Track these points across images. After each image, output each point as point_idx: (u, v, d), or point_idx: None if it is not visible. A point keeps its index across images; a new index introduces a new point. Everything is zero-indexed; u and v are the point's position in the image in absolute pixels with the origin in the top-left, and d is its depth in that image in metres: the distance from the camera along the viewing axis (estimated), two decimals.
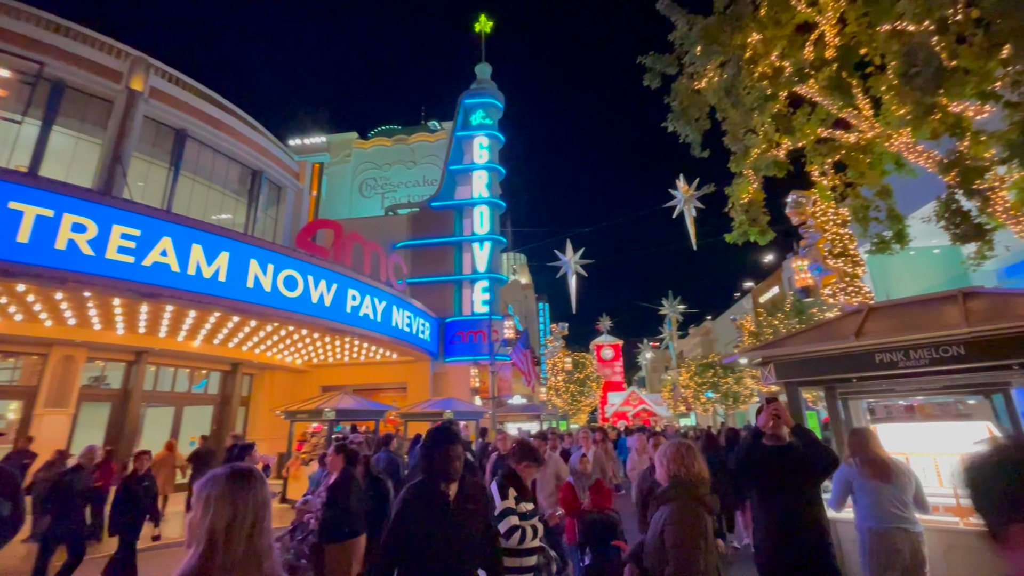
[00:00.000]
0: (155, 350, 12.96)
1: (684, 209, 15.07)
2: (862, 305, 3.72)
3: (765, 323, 17.66)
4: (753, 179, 10.02)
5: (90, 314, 10.27)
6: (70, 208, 7.84)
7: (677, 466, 2.48)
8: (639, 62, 10.34)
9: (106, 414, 12.84)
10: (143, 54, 14.65)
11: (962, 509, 3.24)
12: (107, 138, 13.60)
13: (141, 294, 8.72)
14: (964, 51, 6.70)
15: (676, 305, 37.42)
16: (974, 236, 6.97)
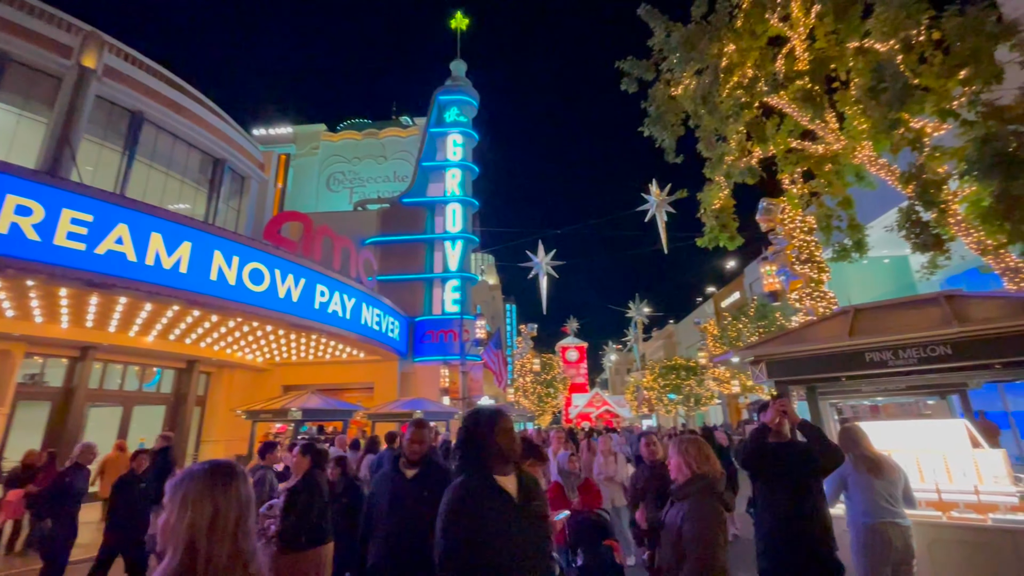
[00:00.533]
0: (103, 345, 12.13)
1: (656, 213, 15.37)
2: (847, 307, 3.82)
3: (730, 327, 18.19)
4: (724, 186, 10.28)
5: (32, 305, 9.50)
6: (14, 189, 7.22)
7: (699, 463, 2.45)
8: (617, 67, 10.47)
9: (45, 414, 11.92)
10: (96, 30, 13.72)
11: (944, 504, 3.38)
12: (54, 117, 12.65)
13: (92, 284, 8.13)
14: (925, 70, 7.07)
15: (642, 308, 38.16)
16: (933, 245, 7.33)
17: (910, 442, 3.81)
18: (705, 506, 2.29)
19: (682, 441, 2.65)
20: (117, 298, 9.17)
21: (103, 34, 13.81)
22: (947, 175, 7.33)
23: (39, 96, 12.90)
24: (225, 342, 13.36)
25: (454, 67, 22.84)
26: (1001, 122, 6.56)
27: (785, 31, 8.98)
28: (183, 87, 16.45)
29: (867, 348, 3.32)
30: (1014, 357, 2.86)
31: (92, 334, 11.63)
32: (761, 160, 9.83)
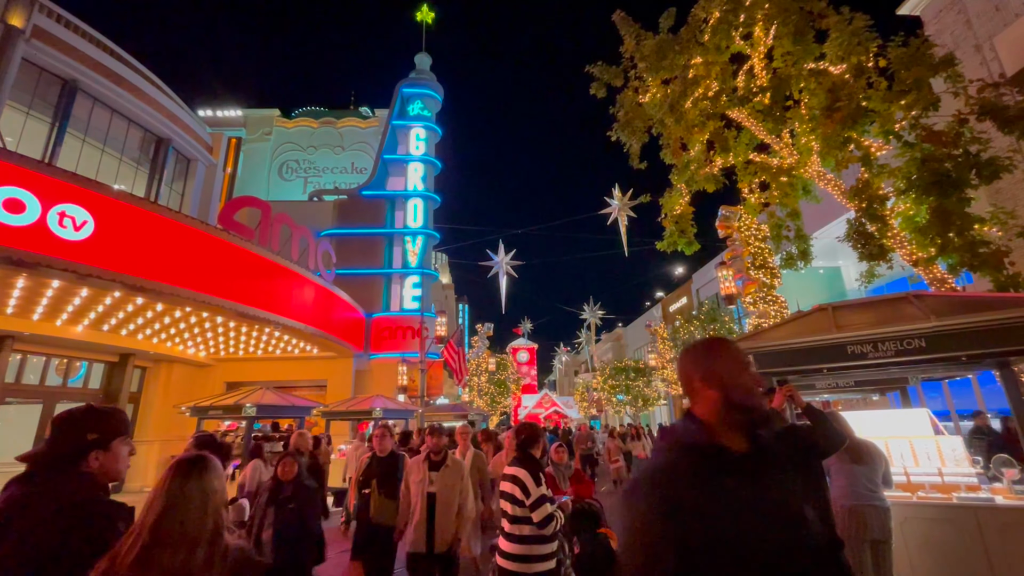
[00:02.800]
0: (24, 335, 10.97)
1: (618, 217, 15.79)
2: (824, 305, 4.10)
3: (681, 328, 18.95)
4: (684, 192, 10.72)
5: None
6: None
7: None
8: (587, 71, 10.71)
9: None
10: None
11: (912, 485, 3.70)
12: None
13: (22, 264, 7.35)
14: (872, 94, 7.69)
15: (596, 311, 39.02)
16: (878, 256, 7.95)
17: (880, 429, 4.15)
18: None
19: None
20: (48, 281, 8.34)
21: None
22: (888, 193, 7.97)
23: None
24: (167, 334, 12.45)
25: (419, 60, 22.48)
26: (938, 144, 7.22)
27: (746, 49, 9.50)
28: (124, 57, 15.21)
29: (850, 341, 3.59)
30: (979, 350, 3.19)
31: (11, 322, 10.50)
32: (721, 169, 10.33)
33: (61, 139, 13.14)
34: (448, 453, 4.01)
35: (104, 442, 1.69)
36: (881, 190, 7.76)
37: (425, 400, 15.07)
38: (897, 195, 7.38)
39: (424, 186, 20.68)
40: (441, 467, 3.87)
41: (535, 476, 3.06)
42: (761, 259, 10.66)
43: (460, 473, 3.89)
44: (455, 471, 3.88)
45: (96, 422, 1.71)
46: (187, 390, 15.25)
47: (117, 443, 1.73)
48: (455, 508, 3.76)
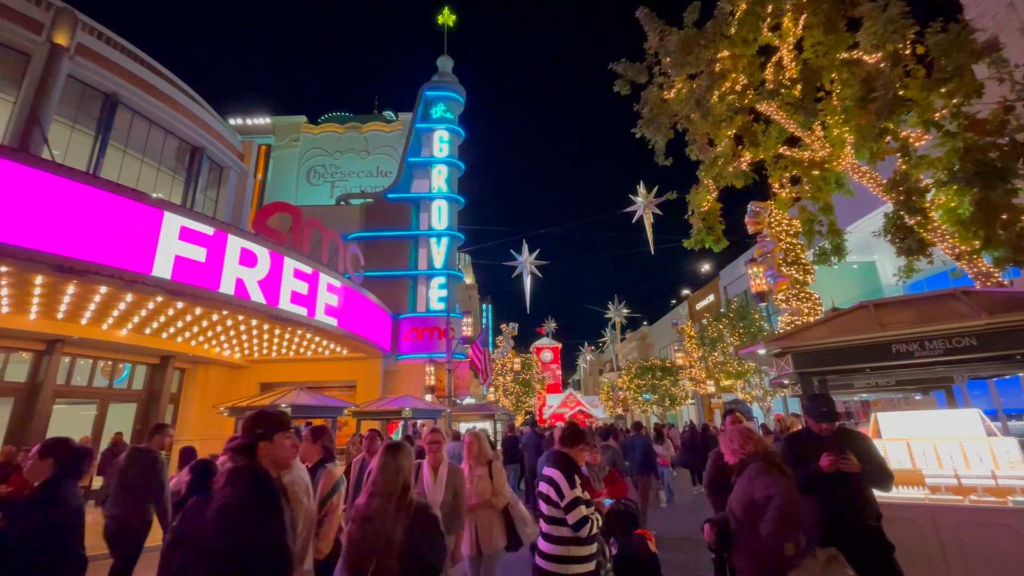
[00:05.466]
0: (73, 339, 11.53)
1: (643, 214, 15.64)
2: (864, 303, 4.00)
3: (709, 327, 18.65)
4: (712, 189, 10.56)
5: (1, 294, 8.95)
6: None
7: (747, 444, 2.63)
8: (610, 68, 10.64)
9: (8, 410, 11.24)
10: (69, 6, 13.05)
11: (963, 488, 3.59)
12: (22, 96, 11.97)
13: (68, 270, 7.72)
14: (910, 83, 7.43)
15: (621, 309, 38.69)
16: (918, 250, 7.68)
17: (928, 430, 4.03)
18: (769, 465, 2.58)
19: (731, 432, 2.87)
20: (96, 287, 8.75)
21: (76, 11, 13.14)
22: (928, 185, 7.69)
23: (5, 73, 12.19)
24: (204, 336, 12.89)
25: (441, 63, 22.69)
26: (982, 134, 6.93)
27: (774, 41, 9.29)
28: (160, 70, 15.81)
29: (895, 340, 3.49)
30: None
31: (62, 326, 11.04)
32: (751, 164, 10.13)
33: (104, 151, 13.74)
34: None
35: (269, 435, 2.24)
36: (920, 182, 7.50)
37: (452, 400, 15.22)
38: (938, 187, 7.12)
39: (448, 188, 20.87)
40: None
41: (569, 477, 3.05)
42: (793, 255, 10.42)
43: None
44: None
45: (263, 421, 2.27)
46: (223, 391, 15.77)
47: (279, 437, 2.29)
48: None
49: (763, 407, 16.77)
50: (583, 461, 3.20)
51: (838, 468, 2.92)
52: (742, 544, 2.68)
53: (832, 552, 2.58)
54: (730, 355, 17.53)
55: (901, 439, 4.04)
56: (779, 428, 9.62)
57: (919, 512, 3.58)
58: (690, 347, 23.62)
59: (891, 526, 3.00)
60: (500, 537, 3.87)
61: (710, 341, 18.84)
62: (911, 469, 4.01)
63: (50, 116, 12.20)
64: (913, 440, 3.87)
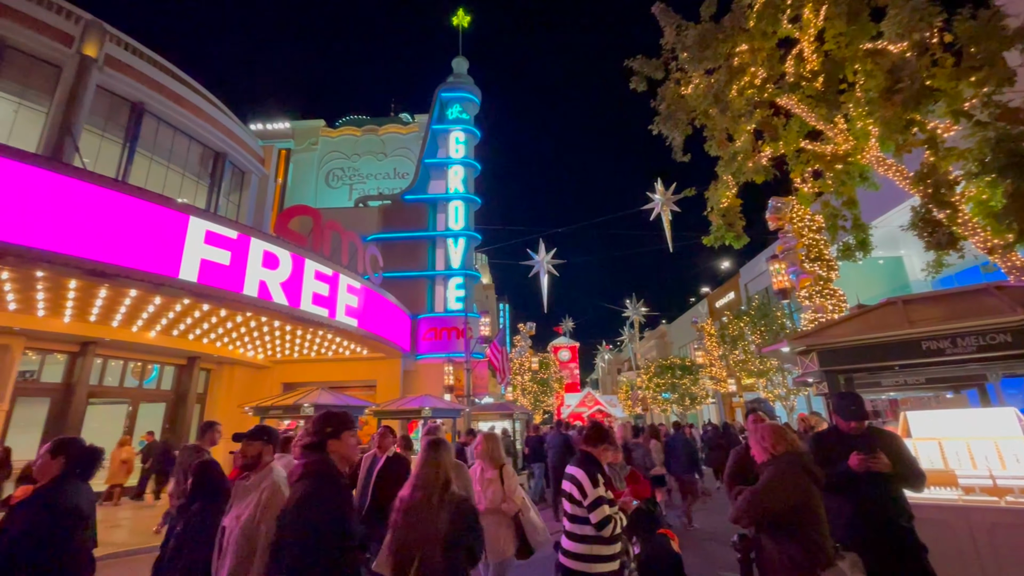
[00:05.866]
0: (105, 340, 11.91)
1: (661, 212, 15.49)
2: (893, 299, 3.91)
3: (730, 325, 18.41)
4: (731, 185, 10.41)
5: (37, 298, 9.29)
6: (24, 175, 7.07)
7: (779, 445, 2.59)
8: (626, 65, 10.56)
9: (44, 410, 11.67)
10: (98, 18, 13.46)
11: (999, 489, 3.49)
12: (54, 107, 12.40)
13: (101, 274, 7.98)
14: (938, 72, 7.21)
15: (639, 307, 38.37)
16: (947, 244, 7.47)
17: (961, 429, 3.91)
18: (782, 473, 2.60)
19: (763, 429, 2.84)
20: (126, 291, 9.02)
21: (104, 23, 13.55)
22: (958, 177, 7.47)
23: (38, 85, 12.63)
24: (228, 338, 13.19)
25: (456, 64, 22.79)
26: (1015, 123, 6.71)
27: (795, 33, 9.12)
28: (184, 79, 16.21)
29: (925, 336, 3.41)
30: None
31: (95, 329, 11.40)
32: (771, 159, 9.96)
33: (131, 158, 14.15)
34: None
35: (337, 433, 2.47)
36: (949, 174, 7.29)
37: (471, 399, 15.30)
38: (968, 179, 6.91)
39: (464, 188, 20.97)
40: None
41: (592, 476, 3.06)
42: (816, 251, 10.22)
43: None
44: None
45: (331, 421, 2.51)
46: (247, 390, 16.12)
47: (346, 435, 2.51)
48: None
49: (786, 406, 16.48)
50: (606, 460, 3.20)
51: (868, 468, 2.87)
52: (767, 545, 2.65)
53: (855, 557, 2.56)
54: (752, 353, 17.26)
55: (932, 439, 3.93)
56: (803, 428, 9.45)
57: (952, 513, 3.49)
58: (710, 345, 23.34)
59: (923, 527, 2.93)
60: (509, 544, 3.72)
61: (731, 339, 18.58)
62: (943, 469, 3.91)
63: (81, 125, 12.61)
64: (945, 440, 3.77)
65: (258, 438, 3.02)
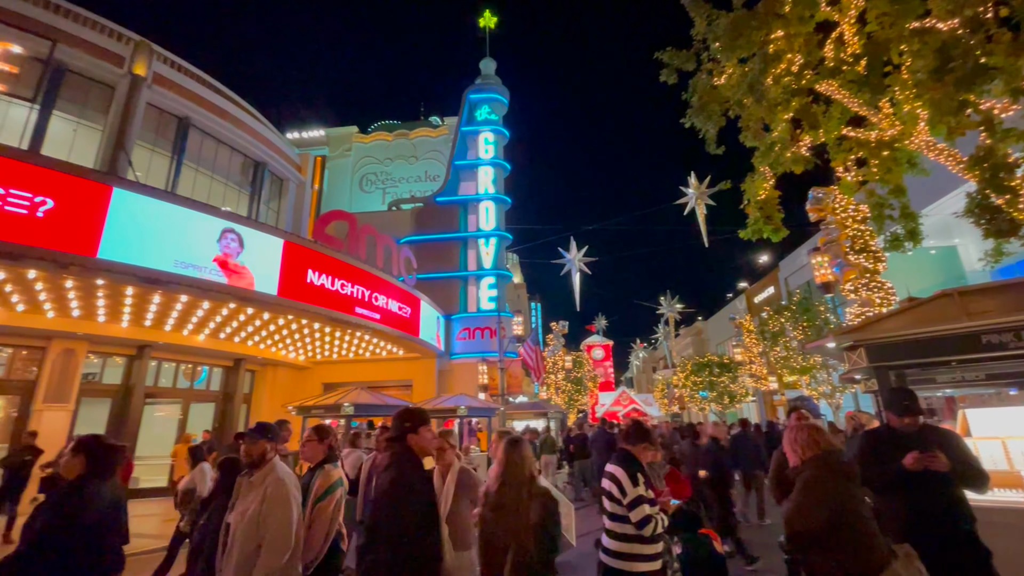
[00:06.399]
0: (159, 344, 12.57)
1: (695, 206, 15.16)
2: (947, 290, 3.71)
3: (770, 320, 17.84)
4: (769, 176, 10.10)
5: (98, 304, 9.89)
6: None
7: (809, 449, 2.63)
8: (655, 58, 10.37)
9: (106, 410, 12.40)
10: (145, 39, 14.20)
11: None
12: (109, 124, 13.16)
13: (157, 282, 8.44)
14: (994, 48, 6.79)
15: (674, 304, 37.63)
16: (1008, 231, 7.04)
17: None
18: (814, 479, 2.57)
19: (795, 431, 2.78)
20: (177, 296, 9.50)
21: (152, 43, 14.29)
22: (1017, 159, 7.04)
23: (94, 105, 13.42)
24: (272, 340, 13.69)
25: (484, 65, 22.95)
26: None
27: (834, 15, 8.76)
28: (226, 93, 16.92)
29: (986, 330, 3.23)
30: None
31: (149, 333, 12.05)
32: (811, 148, 9.61)
33: (179, 170, 14.88)
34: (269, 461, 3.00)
35: (415, 428, 2.71)
36: (1008, 157, 6.86)
37: (505, 398, 15.39)
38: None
39: (495, 189, 21.09)
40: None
41: (632, 475, 3.04)
42: (861, 242, 9.80)
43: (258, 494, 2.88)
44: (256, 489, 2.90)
45: (410, 417, 2.77)
46: (290, 391, 16.70)
47: (423, 429, 2.74)
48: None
49: (831, 404, 15.84)
50: (647, 460, 3.18)
51: (925, 466, 2.73)
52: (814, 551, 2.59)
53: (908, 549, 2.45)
54: (794, 350, 16.68)
55: (995, 438, 3.72)
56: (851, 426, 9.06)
57: (1019, 516, 3.29)
58: (749, 342, 22.69)
59: (986, 531, 2.78)
60: None
61: (771, 335, 18.00)
62: (1008, 470, 3.68)
63: (133, 141, 13.34)
64: (1009, 439, 3.55)
65: (261, 436, 3.03)
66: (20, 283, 8.48)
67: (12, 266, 7.59)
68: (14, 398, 11.19)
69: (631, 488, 2.95)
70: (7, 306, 9.73)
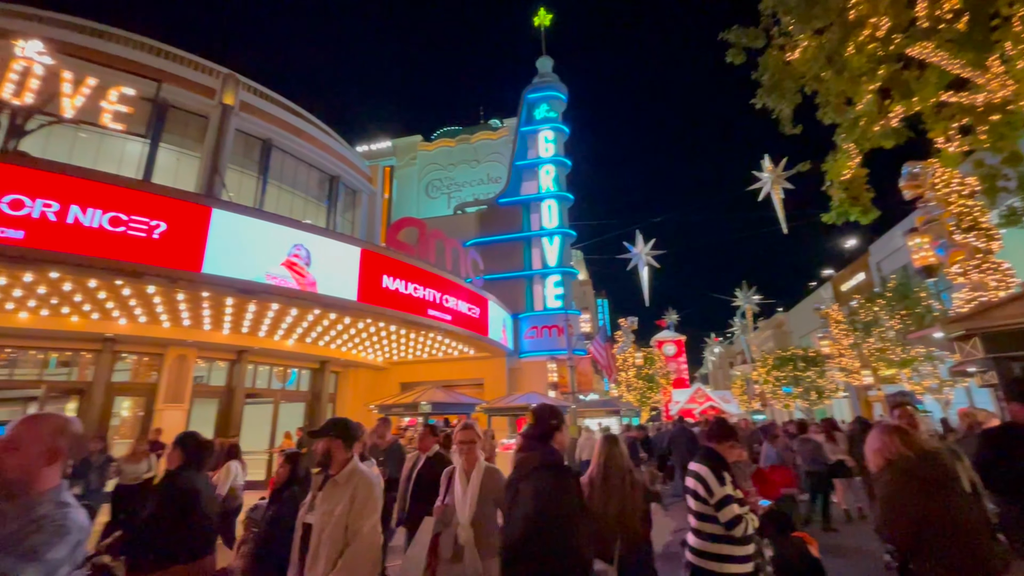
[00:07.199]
0: (255, 349, 13.74)
1: (771, 191, 14.29)
2: None
3: (861, 309, 16.45)
4: (854, 153, 9.34)
5: (203, 314, 10.99)
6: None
7: (880, 456, 2.50)
8: (720, 38, 9.87)
9: (214, 409, 13.75)
10: (233, 72, 15.56)
11: None
12: (205, 151, 14.54)
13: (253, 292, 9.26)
14: None
15: (751, 296, 35.60)
16: None
17: None
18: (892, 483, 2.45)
19: (872, 435, 2.64)
20: (269, 305, 10.37)
21: (238, 75, 15.63)
22: None
23: (192, 135, 14.89)
24: (352, 343, 14.54)
25: (540, 64, 22.98)
26: None
27: None
28: (302, 113, 18.16)
29: None
30: None
31: (246, 339, 13.21)
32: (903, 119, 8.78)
33: (265, 189, 16.17)
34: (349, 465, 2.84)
35: (559, 426, 2.85)
36: None
37: (576, 395, 15.33)
38: None
39: (556, 186, 21.07)
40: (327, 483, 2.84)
41: (718, 474, 2.97)
42: (970, 219, 8.81)
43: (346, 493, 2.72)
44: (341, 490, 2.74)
45: (556, 415, 2.90)
46: (370, 390, 17.66)
47: (564, 427, 2.90)
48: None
49: (939, 400, 14.34)
50: (732, 458, 3.09)
51: None
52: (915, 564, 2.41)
53: None
54: (891, 340, 15.25)
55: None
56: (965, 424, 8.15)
57: None
58: (838, 333, 21.03)
59: None
60: None
61: (863, 326, 16.59)
62: None
63: (225, 165, 14.67)
64: None
65: (328, 434, 2.91)
66: (142, 297, 9.63)
67: (135, 283, 8.65)
68: (140, 399, 12.72)
69: (718, 487, 2.88)
70: (131, 318, 11.06)
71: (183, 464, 3.35)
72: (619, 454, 3.44)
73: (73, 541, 1.60)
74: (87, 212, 7.72)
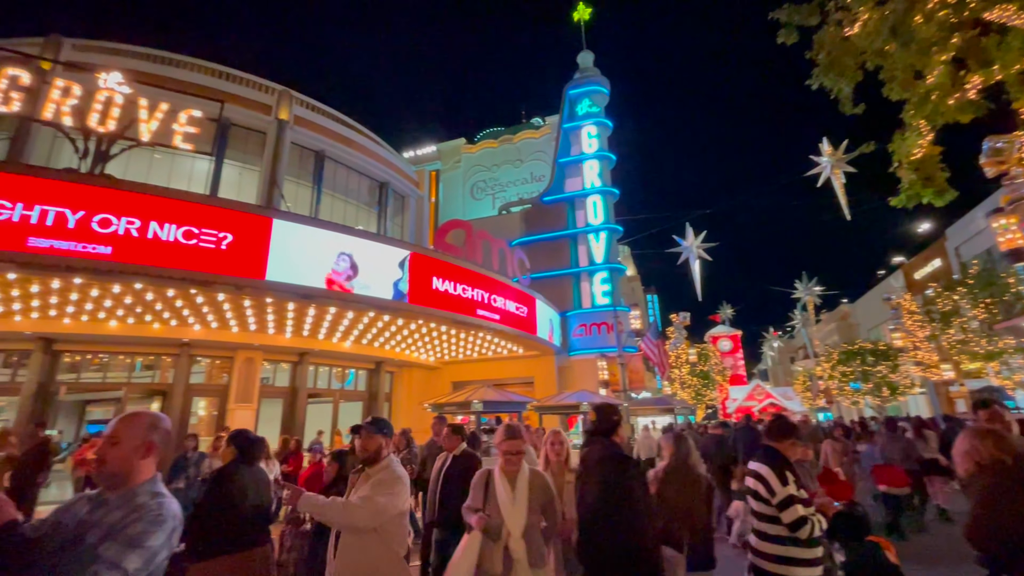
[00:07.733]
0: (315, 351, 14.43)
1: (831, 175, 13.48)
2: None
3: (939, 298, 15.24)
4: (925, 130, 8.65)
5: (267, 319, 11.65)
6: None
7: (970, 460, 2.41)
8: (771, 18, 9.40)
9: (279, 408, 14.55)
10: (287, 88, 16.38)
11: None
12: (263, 165, 15.42)
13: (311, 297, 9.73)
14: None
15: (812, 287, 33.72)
16: None
17: None
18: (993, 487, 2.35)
19: (960, 438, 2.56)
20: (327, 308, 10.86)
21: (292, 91, 16.44)
22: None
23: (251, 150, 15.82)
24: (406, 344, 14.98)
25: (581, 59, 22.76)
26: None
27: None
28: (353, 125, 18.89)
29: None
30: None
31: (307, 342, 13.90)
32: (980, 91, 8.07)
33: (319, 198, 16.95)
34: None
35: (620, 422, 3.16)
36: None
37: (627, 393, 15.10)
38: None
39: (601, 182, 20.80)
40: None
41: (779, 473, 2.87)
42: None
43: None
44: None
45: (616, 412, 3.23)
46: (423, 389, 18.13)
47: (622, 424, 3.22)
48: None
49: None
50: (794, 457, 2.97)
51: None
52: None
53: None
54: (975, 331, 14.05)
55: None
56: None
57: None
58: (912, 325, 19.59)
59: None
60: None
61: (941, 316, 15.37)
62: None
63: (283, 177, 15.50)
64: None
65: (377, 431, 2.95)
66: (213, 304, 10.34)
67: (207, 291, 9.31)
68: (213, 399, 13.65)
69: (779, 487, 2.78)
70: (204, 324, 11.89)
71: (234, 459, 3.56)
72: (687, 449, 3.76)
73: (169, 528, 1.75)
74: (164, 227, 8.38)
